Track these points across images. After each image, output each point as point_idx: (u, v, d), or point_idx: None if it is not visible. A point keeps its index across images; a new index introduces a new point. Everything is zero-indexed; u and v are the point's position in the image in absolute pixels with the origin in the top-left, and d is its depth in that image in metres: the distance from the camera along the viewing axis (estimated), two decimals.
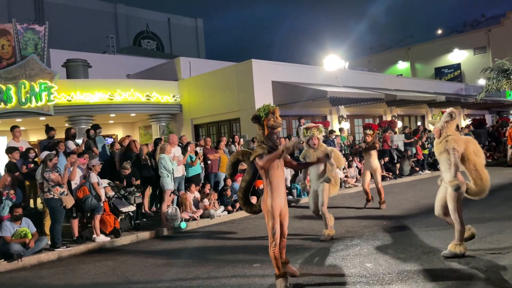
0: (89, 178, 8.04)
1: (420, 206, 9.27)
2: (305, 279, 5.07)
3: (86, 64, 16.38)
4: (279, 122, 4.77)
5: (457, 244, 5.38)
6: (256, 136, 5.00)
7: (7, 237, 6.85)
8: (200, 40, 42.79)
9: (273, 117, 4.73)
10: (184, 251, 7.11)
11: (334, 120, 17.23)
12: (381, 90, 16.88)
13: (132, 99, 15.21)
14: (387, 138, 15.81)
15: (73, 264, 6.76)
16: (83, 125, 14.39)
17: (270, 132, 4.76)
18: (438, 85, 24.04)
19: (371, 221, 8.20)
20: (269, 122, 4.73)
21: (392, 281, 4.75)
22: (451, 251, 5.38)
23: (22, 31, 13.96)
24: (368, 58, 40.08)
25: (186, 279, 5.44)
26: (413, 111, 21.37)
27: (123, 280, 5.67)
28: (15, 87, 13.47)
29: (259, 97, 14.01)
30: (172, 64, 17.82)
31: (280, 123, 4.79)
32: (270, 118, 4.72)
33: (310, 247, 6.55)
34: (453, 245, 5.39)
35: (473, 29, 36.86)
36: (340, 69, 18.35)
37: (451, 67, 35.70)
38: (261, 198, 4.92)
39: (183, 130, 16.45)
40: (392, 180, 14.07)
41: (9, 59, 13.90)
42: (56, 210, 7.38)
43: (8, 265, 6.67)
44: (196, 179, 10.30)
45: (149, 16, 39.58)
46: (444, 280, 4.65)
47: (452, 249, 5.37)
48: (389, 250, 6.00)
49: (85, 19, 34.10)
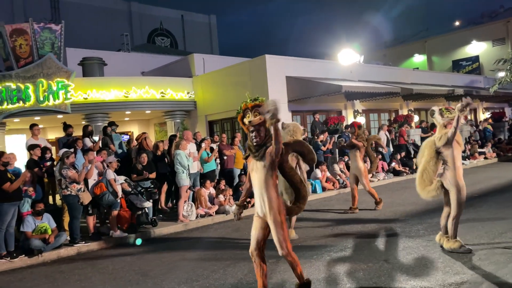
0: (106, 174, 8.15)
1: (438, 202, 9.07)
2: (321, 275, 5.04)
3: (102, 62, 16.55)
4: (255, 119, 3.96)
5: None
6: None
7: (27, 233, 7.00)
8: (213, 37, 42.84)
9: (250, 113, 4.00)
10: (200, 246, 7.15)
11: (349, 115, 17.07)
12: (397, 84, 16.65)
13: (147, 96, 15.33)
14: (403, 132, 15.62)
15: (92, 259, 6.87)
16: (99, 122, 14.55)
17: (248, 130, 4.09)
18: (455, 78, 23.60)
19: (387, 216, 8.12)
20: (244, 119, 4.06)
21: (410, 277, 4.69)
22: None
23: (39, 31, 14.17)
24: (383, 51, 39.53)
25: (203, 275, 5.47)
26: (430, 104, 20.99)
27: (141, 275, 5.73)
28: (33, 86, 13.70)
29: (273, 93, 13.97)
30: (186, 61, 17.87)
31: (255, 121, 3.97)
32: (246, 114, 4.03)
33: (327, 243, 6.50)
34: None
35: (491, 20, 36.01)
36: (355, 63, 18.15)
37: (469, 59, 34.99)
38: None
39: (197, 126, 16.52)
40: (409, 175, 13.90)
41: (27, 58, 14.14)
42: (74, 207, 7.50)
43: (29, 260, 6.82)
44: (211, 175, 10.35)
45: (163, 14, 39.78)
46: (463, 274, 4.58)
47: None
48: (406, 246, 5.93)
49: (100, 18, 34.45)
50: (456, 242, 5.39)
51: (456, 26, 39.49)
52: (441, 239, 5.64)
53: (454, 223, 5.38)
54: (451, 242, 5.43)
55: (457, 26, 39.41)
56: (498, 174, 12.32)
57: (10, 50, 14.04)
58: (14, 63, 14.09)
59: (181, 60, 18.84)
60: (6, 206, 6.70)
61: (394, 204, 9.37)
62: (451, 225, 5.41)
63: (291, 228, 6.93)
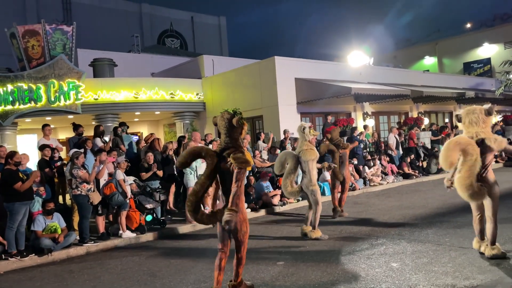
0: (116, 175, 8.20)
1: (448, 205, 9.05)
2: (330, 278, 5.02)
3: (112, 63, 16.70)
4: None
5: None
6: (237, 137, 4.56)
7: (38, 232, 7.08)
8: (223, 38, 42.96)
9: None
10: (208, 248, 7.15)
11: (359, 117, 16.99)
12: (407, 86, 16.54)
13: (157, 97, 15.43)
14: (413, 135, 15.51)
15: (101, 259, 6.92)
16: (109, 123, 14.68)
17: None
18: (466, 80, 23.36)
19: (396, 220, 8.07)
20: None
21: (419, 282, 4.65)
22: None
23: (51, 32, 14.35)
24: (393, 53, 39.26)
25: (211, 276, 5.46)
26: (440, 107, 20.85)
27: (149, 276, 5.76)
28: (45, 86, 13.87)
29: (282, 95, 13.97)
30: (195, 62, 17.95)
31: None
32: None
33: (335, 247, 6.49)
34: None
35: (503, 22, 35.58)
36: (365, 65, 18.07)
37: (480, 62, 34.60)
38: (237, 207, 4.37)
39: (206, 128, 16.57)
40: (419, 178, 13.79)
41: (39, 59, 14.33)
42: (84, 206, 7.56)
43: (39, 259, 6.89)
44: None
45: (173, 15, 40.00)
46: (473, 279, 4.53)
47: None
48: (415, 250, 5.88)
49: (111, 19, 34.76)
50: (495, 249, 5.18)
51: (467, 28, 39.10)
52: (481, 246, 5.41)
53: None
54: (490, 248, 5.20)
55: (468, 28, 39.02)
56: (509, 178, 12.17)
57: (22, 51, 14.24)
58: (26, 64, 14.29)
59: (190, 62, 18.93)
60: (17, 205, 6.78)
61: (403, 207, 9.31)
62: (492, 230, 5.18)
63: (316, 229, 6.99)
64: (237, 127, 4.48)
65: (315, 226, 7.04)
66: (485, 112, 5.14)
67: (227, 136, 4.50)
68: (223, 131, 4.53)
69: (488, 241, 5.24)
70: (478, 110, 5.17)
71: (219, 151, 4.48)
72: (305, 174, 7.15)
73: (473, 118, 5.15)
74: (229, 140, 4.49)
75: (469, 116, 5.19)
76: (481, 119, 5.11)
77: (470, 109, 5.27)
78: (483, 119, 5.12)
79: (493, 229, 5.15)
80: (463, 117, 5.29)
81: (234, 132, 4.50)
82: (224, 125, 4.50)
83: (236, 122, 4.45)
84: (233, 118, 4.46)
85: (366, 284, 4.73)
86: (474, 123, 5.14)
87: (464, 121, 5.25)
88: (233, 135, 4.50)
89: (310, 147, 7.14)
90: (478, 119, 5.12)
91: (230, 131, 4.49)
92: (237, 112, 4.53)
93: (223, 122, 4.51)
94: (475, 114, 5.14)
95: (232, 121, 4.46)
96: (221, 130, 4.58)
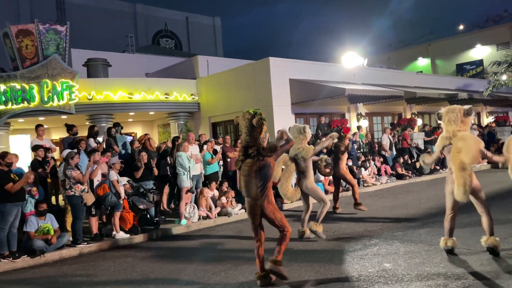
0: (109, 175, 8.18)
1: (441, 206, 9.06)
2: (323, 278, 5.04)
3: (106, 64, 16.62)
4: None
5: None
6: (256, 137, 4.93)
7: (30, 233, 7.04)
8: (218, 39, 42.95)
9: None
10: (202, 248, 7.16)
11: (353, 118, 17.06)
12: (401, 88, 16.62)
13: (151, 97, 15.37)
14: (407, 136, 15.61)
15: (94, 260, 6.89)
16: (103, 123, 14.60)
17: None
18: (459, 81, 23.53)
19: (389, 220, 8.11)
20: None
21: (412, 282, 4.69)
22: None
23: (44, 31, 14.25)
24: (387, 55, 39.47)
25: (204, 277, 5.48)
26: (433, 108, 20.95)
27: (142, 277, 5.75)
28: (38, 86, 13.77)
29: (276, 95, 13.99)
30: (190, 63, 17.92)
31: None
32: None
33: (327, 247, 6.51)
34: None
35: (495, 24, 35.92)
36: (359, 66, 18.14)
37: (473, 63, 34.87)
38: None
39: (201, 128, 16.55)
40: (412, 179, 13.87)
41: (32, 58, 14.22)
42: (77, 207, 7.53)
43: (31, 261, 6.85)
44: (214, 177, 10.36)
45: (168, 15, 39.92)
46: (465, 280, 4.57)
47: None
48: (408, 250, 5.92)
49: (105, 19, 34.62)
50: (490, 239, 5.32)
51: (460, 30, 39.41)
52: (447, 242, 5.58)
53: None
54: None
55: (461, 30, 39.33)
56: (502, 178, 12.24)
57: (16, 51, 14.14)
58: (20, 64, 14.18)
59: (185, 62, 18.89)
60: (8, 206, 6.74)
61: (396, 208, 9.36)
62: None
63: (319, 223, 7.01)
64: (257, 127, 4.87)
65: (319, 219, 7.01)
66: (464, 112, 5.25)
67: (248, 135, 4.91)
68: (244, 130, 4.93)
69: (487, 233, 5.34)
70: (457, 110, 5.29)
71: (243, 149, 4.91)
72: (303, 175, 7.10)
73: (452, 117, 5.27)
74: (250, 139, 4.90)
75: (448, 115, 5.31)
76: (459, 118, 5.23)
77: (450, 108, 5.40)
78: (461, 119, 5.23)
79: (489, 221, 5.28)
80: (443, 115, 5.41)
81: (254, 132, 4.90)
82: (245, 125, 4.91)
83: (256, 122, 4.84)
84: (253, 118, 4.85)
85: (359, 285, 4.75)
86: (452, 122, 5.26)
87: (444, 119, 5.38)
88: (253, 134, 4.91)
89: (307, 145, 7.14)
90: (457, 118, 5.24)
91: (250, 130, 4.89)
92: (257, 113, 4.91)
93: (244, 122, 4.92)
94: (454, 113, 5.27)
95: (252, 121, 4.85)
96: (242, 129, 4.97)
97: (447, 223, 5.56)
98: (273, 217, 4.90)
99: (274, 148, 4.84)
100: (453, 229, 5.56)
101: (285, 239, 4.95)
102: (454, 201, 5.38)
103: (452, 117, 5.25)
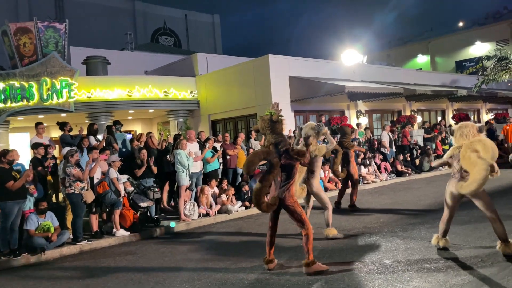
0: (109, 173, 8.18)
1: (440, 203, 9.03)
2: (323, 276, 5.05)
3: (105, 61, 16.61)
4: None
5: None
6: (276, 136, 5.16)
7: (31, 231, 7.04)
8: (217, 36, 42.88)
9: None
10: (202, 246, 7.17)
11: (352, 115, 17.06)
12: (400, 85, 16.62)
13: (150, 95, 15.37)
14: (406, 133, 15.61)
15: (94, 257, 6.90)
16: (102, 121, 14.61)
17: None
18: (458, 78, 23.53)
19: (389, 217, 8.13)
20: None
21: (412, 278, 4.70)
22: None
23: (43, 29, 14.24)
24: (387, 52, 39.43)
25: (204, 274, 5.49)
26: (433, 105, 20.99)
27: (143, 274, 5.76)
28: (37, 84, 13.76)
29: (276, 93, 13.98)
30: (189, 60, 17.90)
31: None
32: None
33: (328, 244, 6.53)
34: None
35: (495, 21, 35.86)
36: (358, 64, 18.13)
37: (472, 60, 34.86)
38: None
39: (200, 126, 16.55)
40: (411, 176, 13.89)
41: (31, 56, 14.20)
42: (77, 205, 7.54)
43: (31, 258, 6.86)
44: (214, 175, 10.36)
45: (166, 13, 39.86)
46: (464, 276, 4.58)
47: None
48: (408, 247, 5.93)
49: (104, 17, 34.55)
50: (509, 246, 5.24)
51: (460, 27, 39.33)
52: (439, 242, 5.61)
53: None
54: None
55: (461, 26, 39.25)
56: (501, 175, 12.27)
57: (14, 49, 14.11)
58: (18, 62, 14.16)
59: (184, 60, 18.87)
60: (10, 204, 6.74)
61: (396, 205, 9.38)
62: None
63: (331, 226, 6.87)
64: (278, 122, 5.18)
65: (329, 224, 6.88)
66: (477, 129, 5.39)
67: (272, 133, 5.17)
68: (268, 131, 5.19)
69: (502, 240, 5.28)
70: (470, 126, 5.43)
71: (274, 147, 5.10)
72: (312, 174, 6.91)
73: (465, 132, 5.38)
74: (276, 136, 5.16)
75: (461, 129, 5.43)
76: (471, 133, 5.35)
77: (463, 124, 5.56)
78: (474, 134, 5.34)
79: (500, 227, 5.22)
80: (455, 131, 5.52)
81: (277, 128, 5.18)
82: (266, 126, 5.20)
83: (276, 118, 5.16)
84: (272, 116, 5.16)
85: (359, 281, 4.76)
86: (465, 136, 5.37)
87: (456, 135, 5.48)
88: (277, 130, 5.19)
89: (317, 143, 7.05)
90: (469, 133, 5.36)
91: (273, 128, 5.17)
92: (272, 112, 5.21)
93: (265, 123, 5.20)
94: (467, 128, 5.39)
95: (272, 118, 5.15)
96: (265, 131, 5.22)
97: (443, 224, 5.60)
98: (293, 209, 5.09)
99: (302, 153, 5.06)
100: (448, 231, 5.63)
101: (309, 238, 5.08)
102: (453, 204, 5.44)
103: (465, 131, 5.38)
